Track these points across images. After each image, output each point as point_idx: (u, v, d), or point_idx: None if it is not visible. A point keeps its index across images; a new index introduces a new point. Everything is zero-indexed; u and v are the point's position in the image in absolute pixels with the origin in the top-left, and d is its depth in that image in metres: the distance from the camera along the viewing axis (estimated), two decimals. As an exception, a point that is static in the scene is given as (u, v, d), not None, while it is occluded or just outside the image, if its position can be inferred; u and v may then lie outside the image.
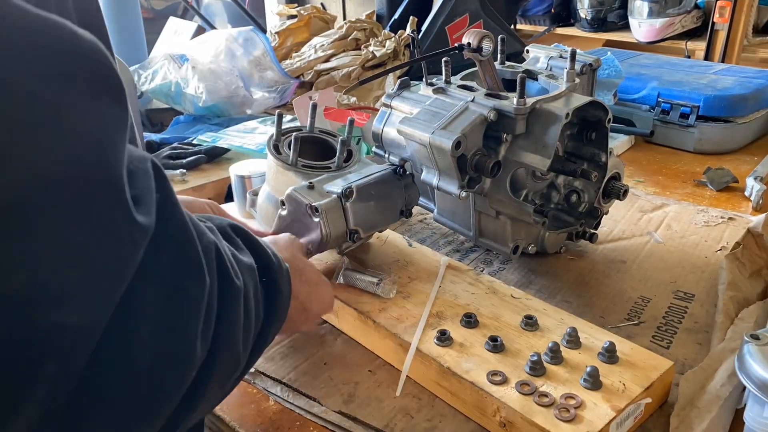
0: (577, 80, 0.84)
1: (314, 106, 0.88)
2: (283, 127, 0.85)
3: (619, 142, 1.36)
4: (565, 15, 3.27)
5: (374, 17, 1.88)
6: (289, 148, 0.82)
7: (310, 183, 0.78)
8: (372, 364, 0.74)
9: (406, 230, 1.03)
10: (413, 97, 0.85)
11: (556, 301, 0.84)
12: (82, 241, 0.32)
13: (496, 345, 0.68)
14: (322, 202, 0.75)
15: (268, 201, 0.85)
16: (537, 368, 0.65)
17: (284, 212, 0.78)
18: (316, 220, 0.75)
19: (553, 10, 3.23)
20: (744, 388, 0.59)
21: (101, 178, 0.33)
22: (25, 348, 0.30)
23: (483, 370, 0.65)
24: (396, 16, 1.85)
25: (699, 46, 2.81)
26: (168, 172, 0.88)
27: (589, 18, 3.11)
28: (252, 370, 0.73)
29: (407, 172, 0.84)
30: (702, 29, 2.86)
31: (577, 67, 0.85)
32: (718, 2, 2.62)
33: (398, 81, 0.89)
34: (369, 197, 0.80)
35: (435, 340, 0.70)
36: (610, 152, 0.84)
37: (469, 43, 0.79)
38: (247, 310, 0.48)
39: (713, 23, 2.68)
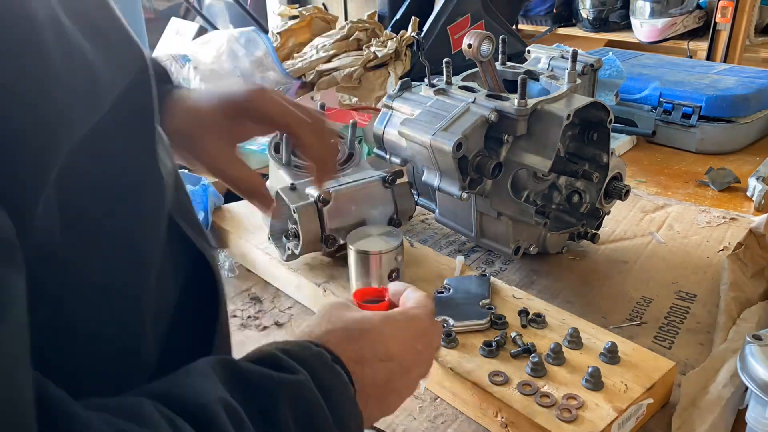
0: (579, 81, 0.84)
1: (322, 106, 0.88)
2: None
3: (620, 143, 1.36)
4: (567, 15, 3.27)
5: (376, 17, 1.88)
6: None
7: (293, 184, 0.78)
8: (374, 364, 0.74)
9: (407, 231, 1.03)
10: (414, 99, 0.86)
11: (558, 302, 0.84)
12: None
13: (491, 350, 0.68)
14: (297, 204, 0.76)
15: None
16: (538, 369, 0.65)
17: (276, 206, 0.80)
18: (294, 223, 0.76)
19: (554, 10, 3.22)
20: (746, 388, 0.59)
21: None
22: None
23: (485, 371, 0.65)
24: (398, 16, 1.85)
25: (701, 46, 2.80)
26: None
27: (590, 18, 3.10)
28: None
29: (397, 181, 0.84)
30: (704, 29, 2.85)
31: (579, 67, 0.85)
32: (720, 2, 2.62)
33: (399, 82, 0.89)
34: (349, 204, 0.80)
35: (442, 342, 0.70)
36: (612, 153, 0.84)
37: (469, 44, 0.79)
38: None
39: (715, 23, 2.67)
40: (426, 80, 0.86)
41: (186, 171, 0.94)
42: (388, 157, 0.88)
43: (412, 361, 0.49)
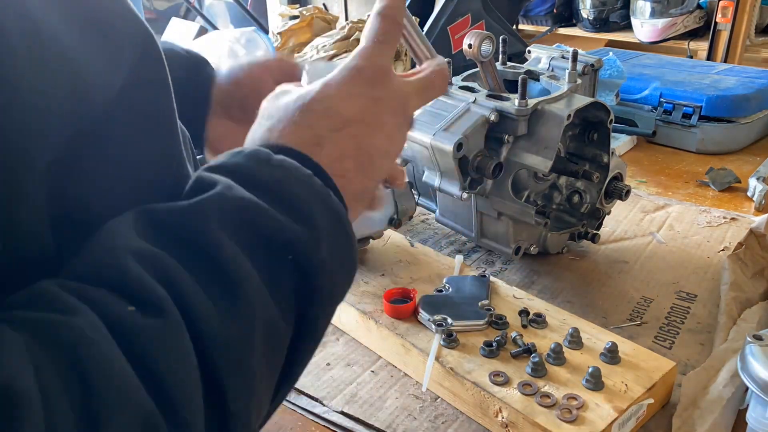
0: (579, 81, 0.84)
1: None
2: None
3: (621, 143, 1.36)
4: (567, 15, 3.27)
5: (376, 18, 1.88)
6: None
7: None
8: (374, 364, 0.74)
9: (408, 230, 1.03)
10: (415, 98, 0.85)
11: (559, 302, 0.84)
12: None
13: (491, 350, 0.68)
14: None
15: None
16: (539, 369, 0.65)
17: None
18: None
19: (555, 11, 3.22)
20: (746, 388, 0.59)
21: None
22: None
23: (485, 371, 0.65)
24: (398, 16, 1.85)
25: (701, 46, 2.80)
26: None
27: (591, 18, 3.10)
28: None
29: None
30: (704, 29, 2.85)
31: (579, 67, 0.85)
32: (720, 2, 2.62)
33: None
34: None
35: (441, 341, 0.70)
36: (612, 153, 0.84)
37: (470, 45, 0.79)
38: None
39: (716, 23, 2.67)
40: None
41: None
42: (388, 157, 0.88)
43: (376, 113, 0.40)
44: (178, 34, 2.05)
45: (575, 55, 0.84)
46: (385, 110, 0.41)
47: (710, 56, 2.71)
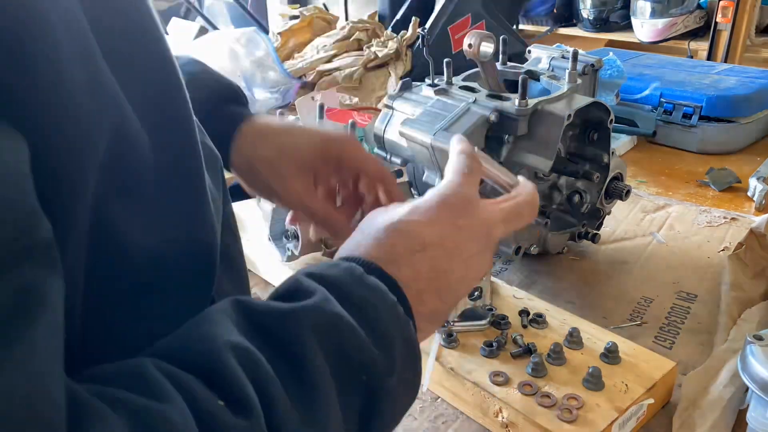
0: (579, 81, 0.84)
1: (321, 107, 0.88)
2: None
3: (621, 143, 1.36)
4: (568, 15, 3.26)
5: (376, 18, 1.88)
6: None
7: None
8: (374, 364, 0.74)
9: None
10: (415, 98, 0.85)
11: (559, 302, 0.83)
12: None
13: (491, 350, 0.68)
14: None
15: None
16: (539, 369, 0.65)
17: (275, 207, 0.80)
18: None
19: (555, 11, 3.22)
20: (747, 389, 0.59)
21: None
22: None
23: (485, 371, 0.65)
24: (398, 16, 1.85)
25: (702, 46, 2.80)
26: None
27: (591, 18, 3.10)
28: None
29: (397, 181, 0.84)
30: (705, 29, 2.85)
31: (579, 67, 0.85)
32: (720, 2, 2.62)
33: (400, 82, 0.89)
34: None
35: (441, 341, 0.70)
36: (612, 153, 0.84)
37: (470, 45, 0.79)
38: None
39: (716, 23, 2.67)
40: (428, 78, 0.86)
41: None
42: (388, 157, 0.88)
43: (456, 239, 0.42)
44: (179, 34, 2.04)
45: (575, 55, 0.84)
46: (467, 237, 0.43)
47: (710, 56, 2.71)
